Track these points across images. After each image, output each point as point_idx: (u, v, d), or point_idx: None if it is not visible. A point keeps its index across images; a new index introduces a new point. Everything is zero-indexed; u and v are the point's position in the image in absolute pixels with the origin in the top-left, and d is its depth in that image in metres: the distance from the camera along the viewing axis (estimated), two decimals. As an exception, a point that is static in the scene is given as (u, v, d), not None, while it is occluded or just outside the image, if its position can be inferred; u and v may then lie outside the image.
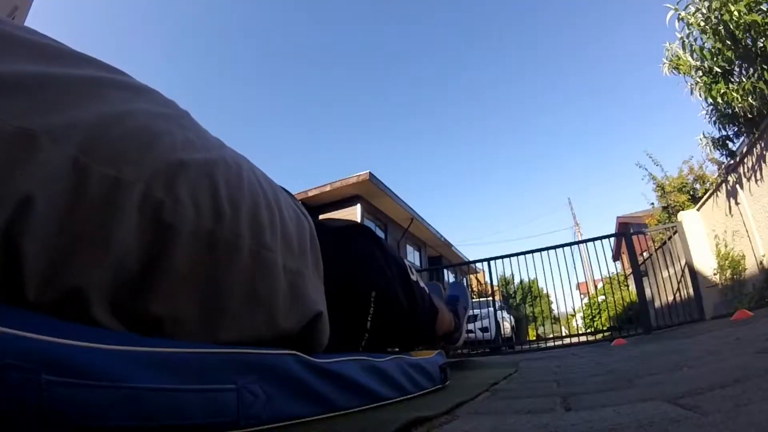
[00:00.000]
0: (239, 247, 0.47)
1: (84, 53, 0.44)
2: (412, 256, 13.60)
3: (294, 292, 0.55)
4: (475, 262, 5.48)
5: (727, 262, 4.41)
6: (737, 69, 3.49)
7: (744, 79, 3.33)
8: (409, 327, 0.91)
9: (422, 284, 1.03)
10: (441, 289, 1.74)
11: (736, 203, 4.15)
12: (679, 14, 3.53)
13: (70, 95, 0.37)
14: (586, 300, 12.30)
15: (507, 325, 7.23)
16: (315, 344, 0.59)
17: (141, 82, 0.49)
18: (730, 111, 3.65)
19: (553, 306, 7.31)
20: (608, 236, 4.69)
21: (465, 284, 1.75)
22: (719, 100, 3.52)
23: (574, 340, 4.67)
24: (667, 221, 5.84)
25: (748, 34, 3.13)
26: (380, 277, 0.80)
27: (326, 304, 0.62)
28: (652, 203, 6.74)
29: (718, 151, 4.23)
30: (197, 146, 0.48)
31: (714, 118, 3.91)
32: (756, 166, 3.65)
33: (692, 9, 3.44)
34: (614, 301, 5.23)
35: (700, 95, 3.72)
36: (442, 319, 1.22)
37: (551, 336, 4.91)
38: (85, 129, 0.36)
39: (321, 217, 1.09)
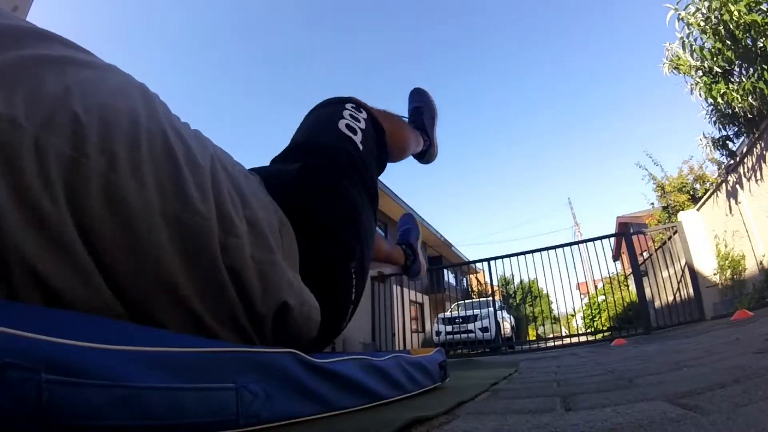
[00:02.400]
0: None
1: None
2: (412, 256, 13.56)
3: (264, 282, 0.52)
4: (475, 262, 5.49)
5: (727, 262, 4.41)
6: (737, 69, 3.49)
7: (744, 79, 3.33)
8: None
9: (362, 122, 0.90)
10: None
11: (736, 203, 4.15)
12: (679, 14, 3.53)
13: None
14: (586, 300, 12.31)
15: (507, 325, 7.23)
16: (302, 334, 0.58)
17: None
18: (730, 111, 3.65)
19: (553, 306, 7.31)
20: (608, 236, 4.70)
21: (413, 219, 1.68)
22: (719, 100, 3.52)
23: (574, 340, 4.67)
24: (667, 221, 5.84)
25: (748, 34, 3.13)
26: (353, 241, 0.72)
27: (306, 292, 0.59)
28: (652, 203, 6.74)
29: (718, 151, 4.23)
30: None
31: (714, 118, 3.91)
32: (756, 166, 3.65)
33: (692, 9, 3.45)
34: (614, 301, 5.23)
35: (700, 95, 3.72)
36: (399, 136, 1.09)
37: (551, 336, 4.91)
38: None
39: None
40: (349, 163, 0.81)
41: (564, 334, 5.67)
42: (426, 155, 1.34)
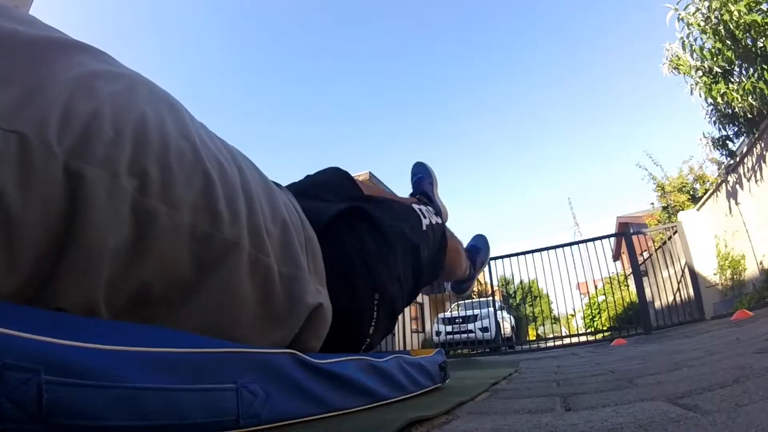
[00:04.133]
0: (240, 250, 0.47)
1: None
2: (412, 256, 13.56)
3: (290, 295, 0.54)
4: (475, 262, 5.47)
5: (727, 262, 4.41)
6: (737, 69, 3.49)
7: (744, 79, 3.33)
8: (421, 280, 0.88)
9: (434, 220, 0.95)
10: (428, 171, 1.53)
11: (736, 203, 4.15)
12: (679, 14, 3.53)
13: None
14: (586, 300, 12.29)
15: (507, 325, 7.23)
16: (313, 336, 0.58)
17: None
18: (730, 111, 3.65)
19: (553, 306, 7.31)
20: (608, 236, 4.70)
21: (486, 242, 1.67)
22: (719, 100, 3.53)
23: (574, 340, 4.67)
24: (667, 221, 5.84)
25: (748, 34, 3.13)
26: (382, 274, 0.72)
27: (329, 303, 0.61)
28: (652, 203, 6.75)
29: (718, 151, 4.24)
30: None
31: (714, 118, 3.91)
32: (756, 166, 3.65)
33: (692, 9, 3.45)
34: (614, 301, 5.23)
35: (700, 95, 3.72)
36: (456, 259, 1.17)
37: (551, 336, 4.91)
38: None
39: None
40: (406, 228, 0.83)
41: (564, 334, 5.67)
42: (461, 286, 1.49)
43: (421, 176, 1.42)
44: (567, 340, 4.68)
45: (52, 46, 0.39)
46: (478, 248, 1.60)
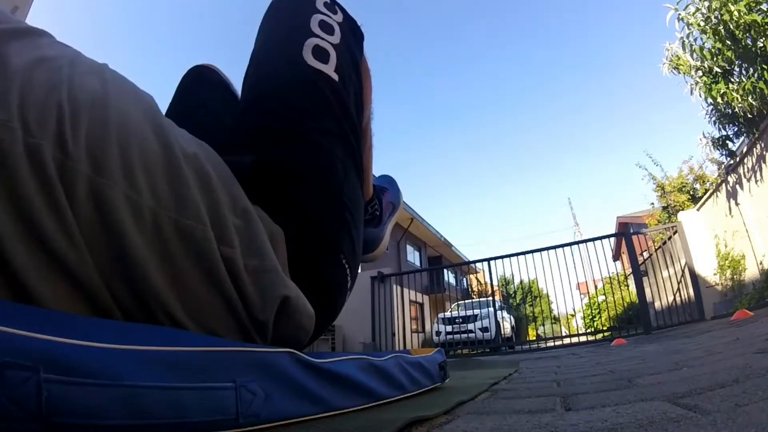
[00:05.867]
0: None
1: None
2: (412, 257, 13.61)
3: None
4: (475, 262, 5.49)
5: (727, 262, 4.41)
6: (737, 69, 3.49)
7: (744, 79, 3.33)
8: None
9: (336, 33, 0.69)
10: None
11: (736, 203, 4.16)
12: (679, 14, 3.53)
13: None
14: (586, 300, 12.30)
15: (507, 325, 7.23)
16: (298, 329, 0.56)
17: None
18: (730, 111, 3.65)
19: (553, 306, 7.31)
20: (608, 236, 4.71)
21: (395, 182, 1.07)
22: (719, 100, 3.53)
23: (574, 340, 4.68)
24: (667, 221, 5.85)
25: (748, 34, 3.14)
26: (341, 236, 0.64)
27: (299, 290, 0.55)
28: (652, 203, 6.75)
29: (718, 151, 4.24)
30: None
31: (714, 118, 3.92)
32: (756, 166, 3.65)
33: (692, 9, 3.45)
34: (614, 301, 5.23)
35: (700, 95, 3.73)
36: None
37: (551, 336, 4.92)
38: None
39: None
40: (324, 131, 0.64)
41: (564, 334, 5.68)
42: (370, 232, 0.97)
43: (387, 189, 1.08)
44: (567, 340, 4.68)
45: (9, 32, 0.40)
46: (384, 187, 1.09)
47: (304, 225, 0.60)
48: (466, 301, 8.71)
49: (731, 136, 4.01)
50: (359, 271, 0.74)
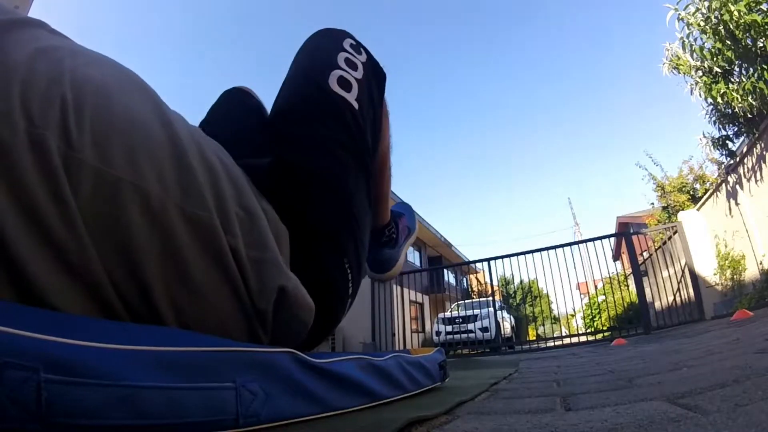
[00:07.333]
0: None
1: None
2: (412, 256, 13.60)
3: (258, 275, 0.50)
4: (475, 262, 5.49)
5: (727, 262, 4.41)
6: (737, 69, 3.49)
7: (744, 79, 3.33)
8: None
9: (359, 71, 0.75)
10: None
11: (736, 203, 4.16)
12: (679, 14, 3.53)
13: None
14: (586, 300, 12.30)
15: (507, 325, 7.23)
16: (294, 321, 0.56)
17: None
18: (730, 111, 3.65)
19: (553, 306, 7.31)
20: (608, 236, 4.70)
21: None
22: (719, 100, 3.53)
23: (574, 340, 4.67)
24: (667, 221, 5.85)
25: (748, 34, 3.14)
26: (345, 239, 0.66)
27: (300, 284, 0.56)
28: (652, 203, 6.75)
29: (718, 151, 4.24)
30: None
31: (714, 118, 3.92)
32: (756, 166, 3.65)
33: (692, 9, 3.45)
34: (614, 301, 5.23)
35: (700, 95, 3.73)
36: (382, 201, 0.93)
37: (551, 336, 4.91)
38: None
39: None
40: (340, 144, 0.68)
41: (564, 334, 5.68)
42: (384, 254, 1.04)
43: (404, 215, 1.18)
44: (567, 340, 4.68)
45: (8, 23, 0.40)
46: (401, 213, 1.20)
47: (312, 225, 0.62)
48: (466, 301, 8.70)
49: (731, 136, 4.01)
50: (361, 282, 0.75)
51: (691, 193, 5.84)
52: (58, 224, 0.36)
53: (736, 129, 3.90)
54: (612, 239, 5.27)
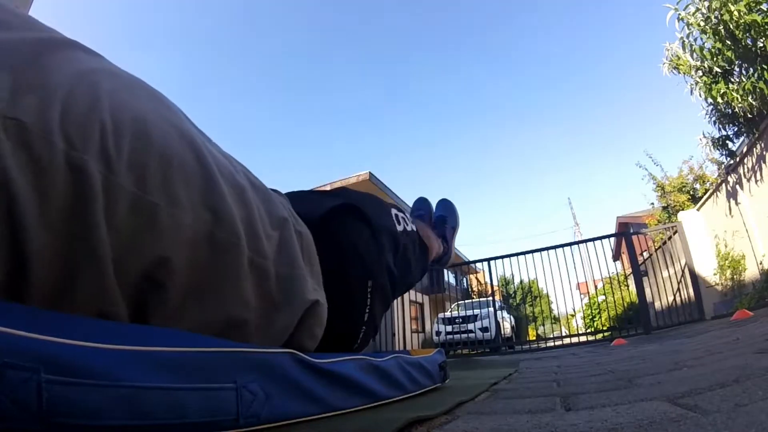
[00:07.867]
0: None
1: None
2: (412, 256, 13.54)
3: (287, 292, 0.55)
4: (475, 262, 5.48)
5: (727, 262, 4.41)
6: (737, 69, 3.49)
7: (744, 79, 3.33)
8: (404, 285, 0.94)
9: (410, 226, 0.97)
10: (430, 206, 1.54)
11: (736, 203, 4.15)
12: (679, 14, 3.53)
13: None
14: (586, 300, 12.29)
15: (507, 325, 7.23)
16: (307, 335, 0.59)
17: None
18: (730, 111, 3.65)
19: (553, 306, 7.31)
20: (608, 236, 4.70)
21: (452, 205, 1.59)
22: (719, 100, 3.52)
23: (574, 340, 4.67)
24: (667, 221, 5.84)
25: (748, 34, 3.13)
26: (374, 263, 0.76)
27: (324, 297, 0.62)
28: (652, 203, 6.74)
29: (718, 151, 4.23)
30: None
31: (714, 118, 3.91)
32: (756, 166, 3.65)
33: (692, 9, 3.44)
34: (614, 301, 5.22)
35: (700, 95, 3.72)
36: (431, 249, 1.20)
37: (551, 336, 4.91)
38: None
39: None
40: (384, 225, 0.85)
41: (564, 334, 5.67)
42: (441, 261, 1.43)
43: (445, 217, 1.49)
44: (567, 340, 4.67)
45: (48, 43, 0.40)
46: (445, 217, 1.51)
47: (345, 247, 0.73)
48: (466, 301, 8.70)
49: (731, 136, 4.01)
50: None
51: (691, 193, 5.83)
52: (89, 247, 0.36)
53: (736, 129, 3.89)
54: (612, 239, 5.27)
